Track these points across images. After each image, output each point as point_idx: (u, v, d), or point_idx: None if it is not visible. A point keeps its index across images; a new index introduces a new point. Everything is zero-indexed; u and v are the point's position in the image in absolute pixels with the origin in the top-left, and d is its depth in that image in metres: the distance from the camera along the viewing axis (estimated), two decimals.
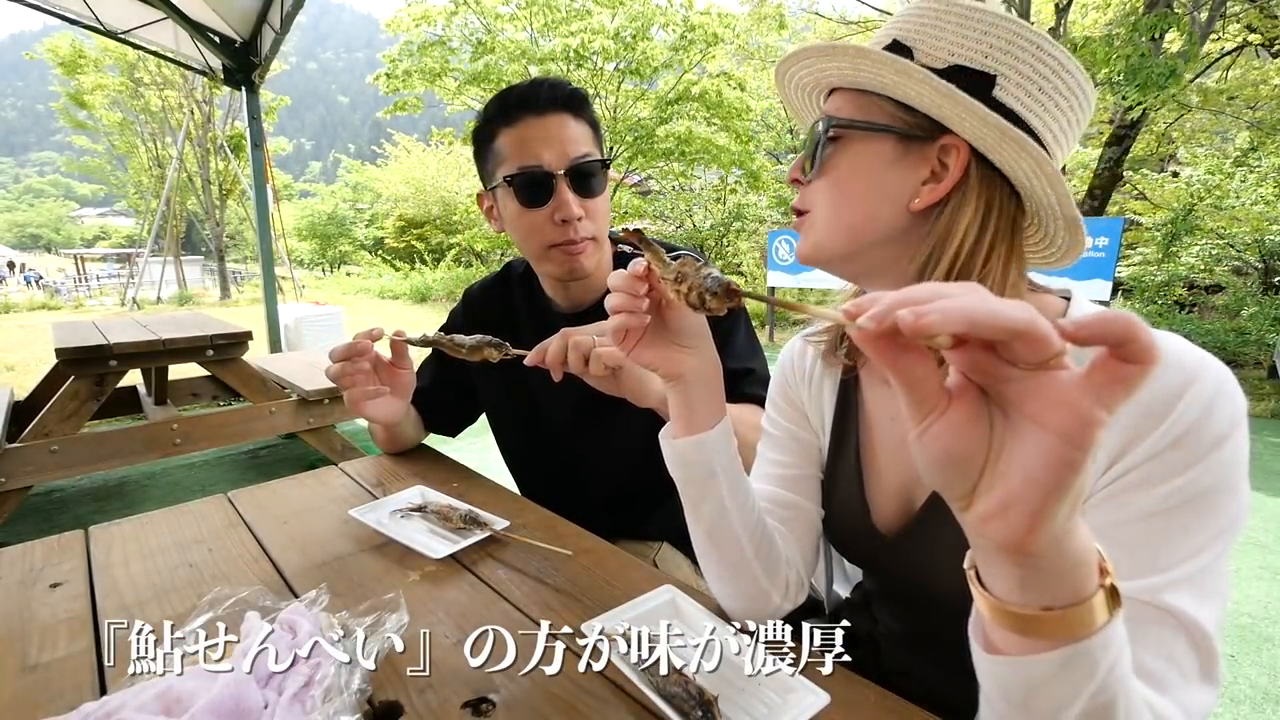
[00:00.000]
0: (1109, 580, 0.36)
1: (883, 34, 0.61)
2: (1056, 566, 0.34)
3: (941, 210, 0.59)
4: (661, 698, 0.55)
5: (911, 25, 0.59)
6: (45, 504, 3.21)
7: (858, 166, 0.61)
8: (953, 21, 0.57)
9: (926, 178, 0.59)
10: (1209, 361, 0.51)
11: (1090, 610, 0.35)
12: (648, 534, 1.16)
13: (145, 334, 3.07)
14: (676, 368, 0.62)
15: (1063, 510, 0.32)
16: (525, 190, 1.00)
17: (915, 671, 0.70)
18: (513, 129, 1.00)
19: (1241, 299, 7.01)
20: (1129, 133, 8.27)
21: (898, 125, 0.59)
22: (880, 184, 0.60)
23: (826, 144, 0.62)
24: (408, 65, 11.07)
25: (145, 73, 17.12)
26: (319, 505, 1.02)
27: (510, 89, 1.01)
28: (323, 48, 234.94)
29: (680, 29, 10.72)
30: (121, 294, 17.63)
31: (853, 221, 0.62)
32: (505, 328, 1.20)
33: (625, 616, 0.67)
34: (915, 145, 0.59)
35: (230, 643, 0.57)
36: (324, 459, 3.33)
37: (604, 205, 1.04)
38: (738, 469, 0.67)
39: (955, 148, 0.57)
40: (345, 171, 32.00)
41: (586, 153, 1.00)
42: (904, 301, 0.30)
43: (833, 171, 0.62)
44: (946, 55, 0.57)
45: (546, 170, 0.98)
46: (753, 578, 0.69)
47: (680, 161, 11.94)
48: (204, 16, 4.81)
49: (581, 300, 1.13)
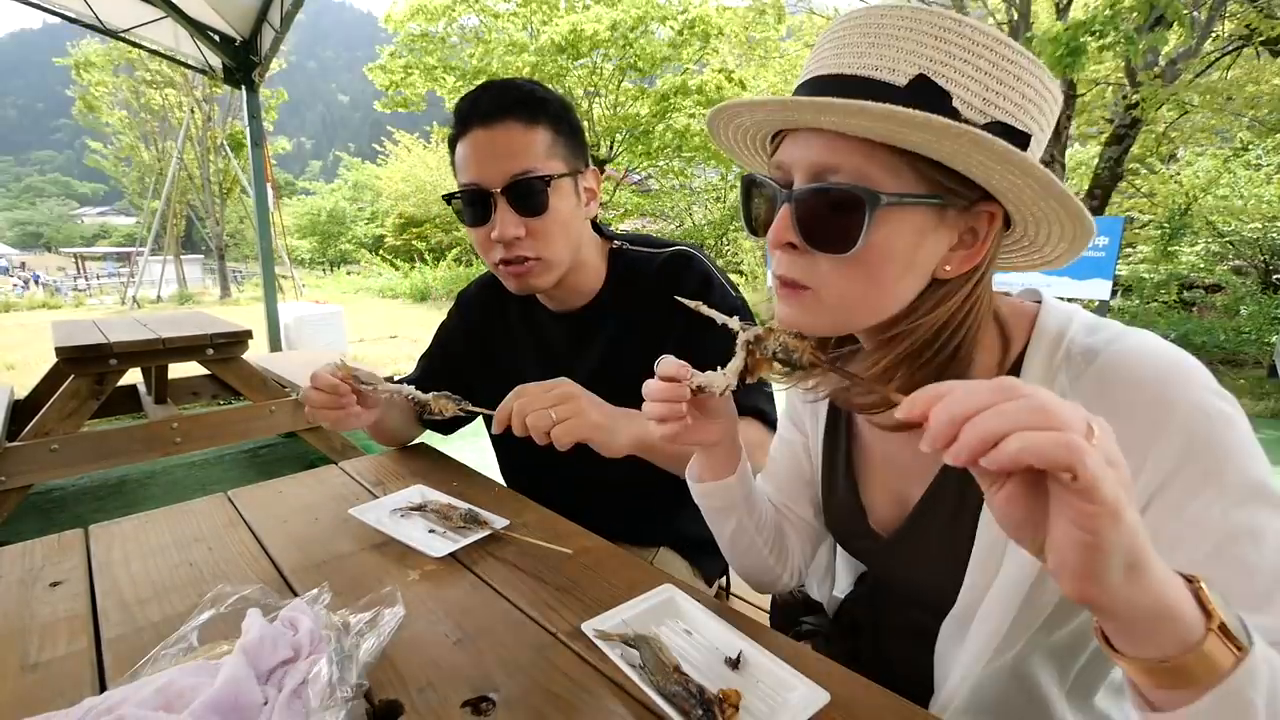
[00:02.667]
0: (1217, 622, 0.36)
1: (891, 56, 0.51)
2: (1139, 619, 0.37)
3: (961, 276, 0.55)
4: (662, 696, 0.55)
5: (939, 57, 0.50)
6: (45, 503, 3.21)
7: (893, 241, 0.52)
8: (987, 63, 0.50)
9: (955, 244, 0.54)
10: (1175, 367, 0.51)
11: (1207, 656, 0.36)
12: (644, 540, 1.15)
13: (145, 333, 3.06)
14: (709, 438, 0.68)
15: (1110, 575, 0.34)
16: (467, 209, 0.97)
17: (916, 660, 0.71)
18: (464, 141, 0.95)
19: (1240, 298, 7.01)
20: (1129, 132, 8.26)
21: (940, 194, 0.52)
22: (914, 260, 0.53)
23: (840, 210, 0.51)
24: (408, 60, 11.06)
25: (146, 72, 17.14)
26: (319, 504, 1.02)
27: (465, 95, 0.96)
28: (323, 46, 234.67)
29: (679, 25, 10.71)
30: (122, 293, 17.62)
31: (878, 303, 0.55)
32: (498, 329, 1.20)
33: (625, 615, 0.67)
34: (953, 213, 0.53)
35: (231, 639, 0.57)
36: (324, 458, 3.33)
37: (553, 223, 0.96)
38: (755, 498, 0.75)
39: (991, 213, 0.54)
40: (345, 170, 32.00)
41: (528, 167, 0.93)
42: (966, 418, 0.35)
43: (857, 247, 0.51)
44: (984, 107, 0.50)
45: (483, 188, 0.94)
46: (767, 565, 0.80)
47: (680, 159, 11.93)
48: (204, 15, 4.81)
49: (573, 304, 1.10)
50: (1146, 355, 0.52)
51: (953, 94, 0.49)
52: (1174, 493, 0.49)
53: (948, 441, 0.35)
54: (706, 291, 1.02)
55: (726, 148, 0.66)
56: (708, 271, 1.05)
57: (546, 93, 0.98)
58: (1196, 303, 7.94)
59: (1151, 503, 0.50)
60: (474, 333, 1.22)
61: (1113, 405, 0.50)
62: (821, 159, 0.52)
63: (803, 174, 0.54)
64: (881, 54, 0.51)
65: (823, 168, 0.52)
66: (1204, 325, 6.71)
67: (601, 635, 0.63)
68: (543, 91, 0.97)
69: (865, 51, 0.51)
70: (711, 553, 1.22)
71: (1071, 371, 0.54)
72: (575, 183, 0.99)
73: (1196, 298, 8.06)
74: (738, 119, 0.59)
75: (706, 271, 1.05)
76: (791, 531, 0.82)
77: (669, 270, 1.05)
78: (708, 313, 0.63)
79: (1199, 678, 0.37)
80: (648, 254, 1.08)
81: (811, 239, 0.53)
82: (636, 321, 1.05)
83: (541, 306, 1.14)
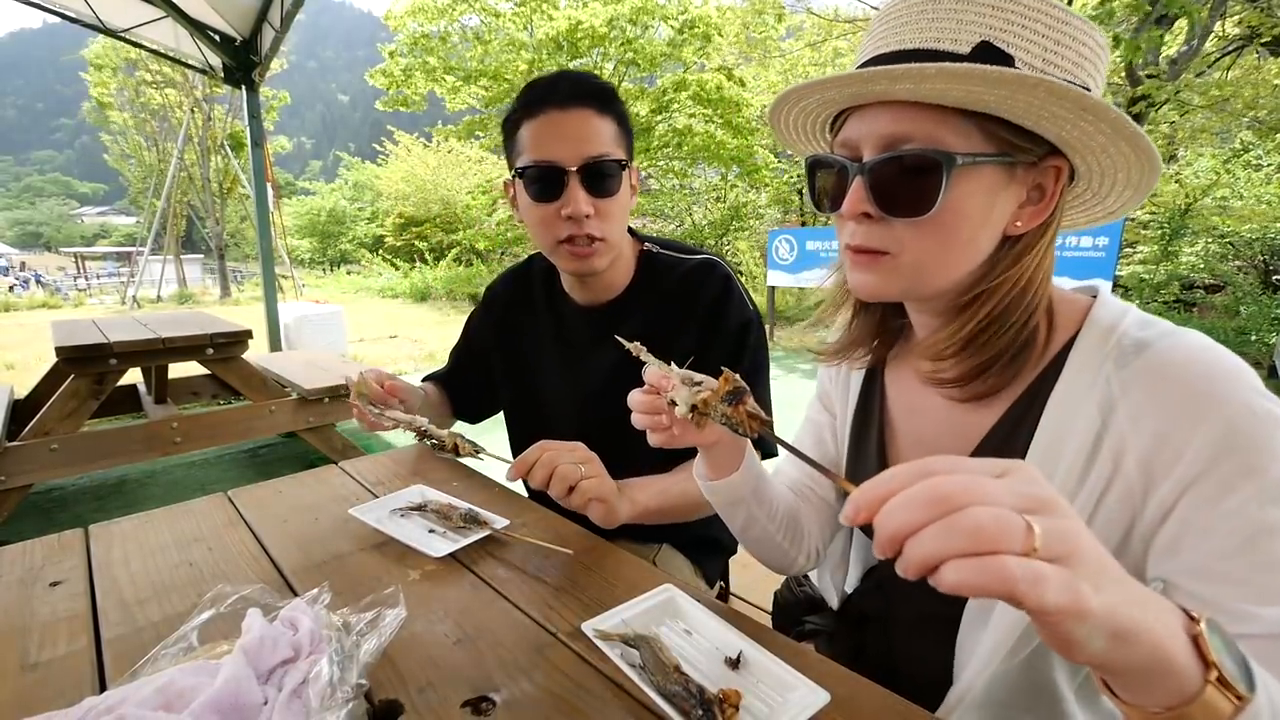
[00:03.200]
0: (1215, 675, 0.36)
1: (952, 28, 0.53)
2: (1133, 675, 0.37)
3: (1033, 231, 0.58)
4: (662, 696, 0.55)
5: (998, 24, 0.52)
6: (45, 502, 3.21)
7: (967, 201, 0.54)
8: (1043, 25, 0.52)
9: (1023, 200, 0.57)
10: (1223, 366, 0.51)
11: (1208, 705, 0.36)
12: (647, 535, 1.16)
13: (145, 332, 3.07)
14: (705, 440, 0.69)
15: (1091, 648, 0.34)
16: (536, 184, 1.00)
17: (922, 651, 0.72)
18: (534, 120, 0.99)
19: (1241, 298, 7.01)
20: None
21: (1009, 151, 0.54)
22: (987, 218, 0.56)
23: (916, 174, 0.54)
24: (409, 61, 11.06)
25: (146, 72, 17.16)
26: (319, 504, 1.02)
27: (539, 79, 1.00)
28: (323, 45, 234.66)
29: (679, 24, 10.71)
30: (122, 292, 17.63)
31: (957, 259, 0.57)
32: (524, 321, 1.23)
33: (624, 615, 0.67)
34: (1020, 170, 0.55)
35: (231, 639, 0.57)
36: (324, 458, 3.33)
37: (618, 206, 1.02)
38: (762, 487, 0.75)
39: (1058, 168, 0.56)
40: (345, 170, 32.00)
41: (604, 151, 0.98)
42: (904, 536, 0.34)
43: (950, 210, 0.54)
44: (1044, 67, 0.52)
45: (559, 166, 0.97)
46: (781, 550, 0.81)
47: (680, 159, 11.93)
48: (204, 15, 4.81)
49: (600, 298, 1.13)
50: (1196, 352, 0.52)
51: (1015, 57, 0.51)
52: (1211, 484, 0.49)
53: (895, 556, 0.35)
54: (725, 298, 1.06)
55: (786, 138, 0.69)
56: (729, 281, 1.09)
57: (614, 89, 1.03)
58: (1196, 303, 7.94)
59: (1187, 492, 0.50)
60: (500, 324, 1.26)
61: (1159, 396, 0.51)
62: (891, 129, 0.54)
63: (873, 146, 0.56)
64: (942, 27, 0.53)
65: (894, 138, 0.55)
66: (1204, 325, 6.71)
67: (601, 635, 0.63)
68: (610, 86, 1.02)
69: (925, 27, 0.53)
70: (713, 552, 1.23)
71: (1120, 361, 0.54)
72: (628, 174, 1.04)
73: (1196, 298, 8.06)
74: (803, 101, 0.61)
75: (728, 280, 1.09)
76: (811, 514, 0.83)
77: (694, 276, 1.09)
78: (646, 357, 0.66)
79: None
80: (676, 258, 1.12)
81: (887, 206, 0.56)
82: (658, 321, 1.08)
83: (567, 298, 1.17)
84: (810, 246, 7.37)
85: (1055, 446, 0.57)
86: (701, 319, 1.06)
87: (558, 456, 0.84)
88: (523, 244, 14.73)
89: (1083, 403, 0.55)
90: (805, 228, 10.63)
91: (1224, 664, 0.36)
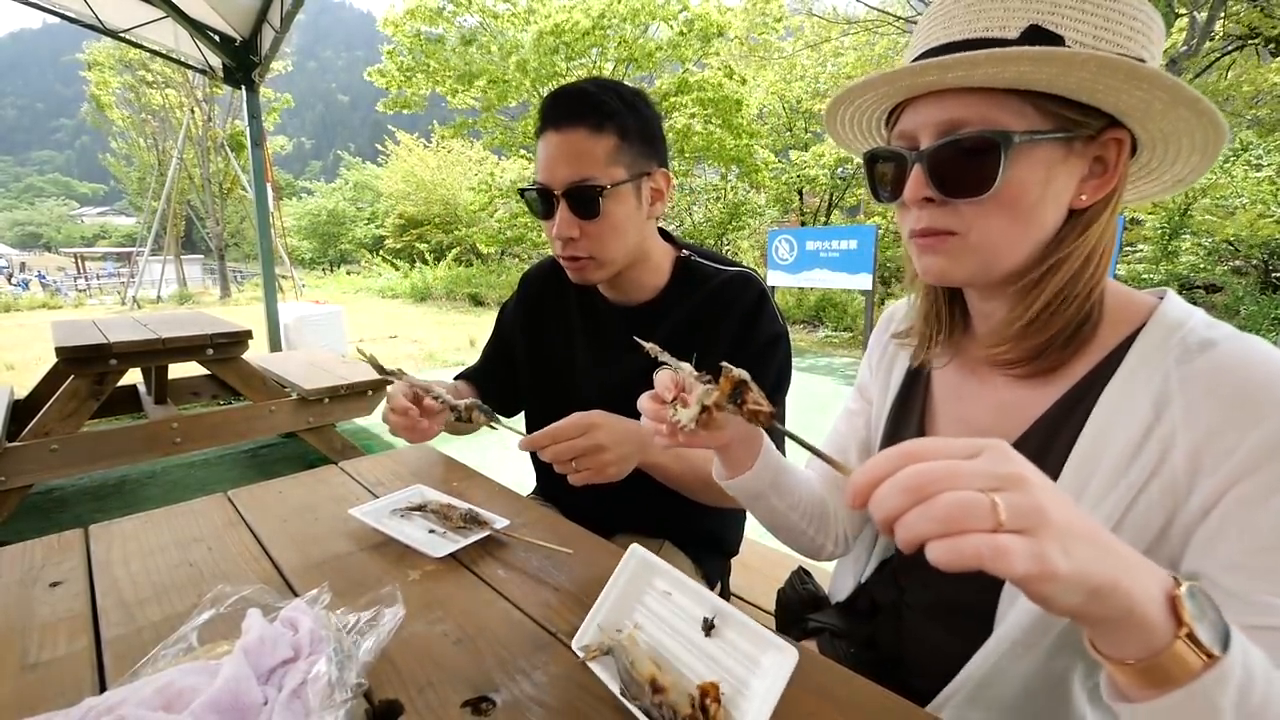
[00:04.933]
0: (1185, 631, 0.38)
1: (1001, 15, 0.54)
2: (1104, 628, 0.40)
3: (1098, 204, 0.58)
4: (643, 713, 0.54)
5: (1046, 8, 0.53)
6: (45, 503, 3.21)
7: (1028, 177, 0.55)
8: (1092, 4, 0.53)
9: (1085, 174, 0.58)
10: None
11: (1177, 657, 0.38)
12: (650, 529, 1.17)
13: (145, 333, 3.06)
14: (719, 442, 0.70)
15: (1065, 603, 0.37)
16: (534, 204, 1.06)
17: (933, 638, 0.72)
18: (541, 139, 1.03)
19: (1240, 298, 7.01)
20: None
21: (1067, 127, 0.55)
22: (1048, 193, 0.57)
23: (974, 155, 0.55)
24: (409, 60, 11.04)
25: (146, 72, 17.16)
26: (319, 504, 1.02)
27: (550, 95, 1.03)
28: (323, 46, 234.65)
29: (679, 25, 10.70)
30: (122, 293, 17.63)
31: (1022, 235, 0.58)
32: (557, 313, 1.24)
33: (601, 612, 0.64)
34: (1079, 144, 0.56)
35: (231, 639, 0.57)
36: (324, 458, 3.33)
37: (607, 225, 1.02)
38: (783, 480, 0.76)
39: (1118, 140, 0.57)
40: (345, 170, 32.00)
41: (586, 175, 0.99)
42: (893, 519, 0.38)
43: (1011, 187, 0.55)
44: (1096, 44, 0.53)
45: (548, 189, 1.01)
46: (808, 537, 0.82)
47: (680, 159, 11.93)
48: (204, 15, 4.81)
49: (632, 298, 1.15)
50: (1258, 353, 0.53)
51: (1065, 37, 0.53)
52: (1261, 482, 0.50)
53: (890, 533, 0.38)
54: (758, 311, 1.09)
55: (842, 139, 0.71)
56: (764, 295, 1.12)
57: (620, 98, 1.02)
58: (1196, 303, 7.92)
59: (1233, 488, 0.51)
60: (531, 308, 1.28)
61: (1217, 393, 0.52)
62: (948, 115, 0.56)
63: (930, 134, 0.58)
64: (991, 16, 0.55)
65: (950, 123, 0.56)
66: None
67: (587, 654, 0.62)
68: (616, 99, 1.01)
69: (973, 19, 0.55)
70: (715, 552, 1.23)
71: (1182, 359, 0.55)
72: (638, 186, 1.05)
73: (1196, 298, 8.06)
74: (859, 99, 0.62)
75: (762, 294, 1.12)
76: (840, 501, 0.84)
77: (731, 287, 1.11)
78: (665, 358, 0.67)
79: (1169, 679, 0.39)
80: (713, 268, 1.15)
81: (948, 189, 0.57)
82: (693, 326, 1.10)
83: (602, 296, 1.19)
84: (810, 246, 7.37)
85: (1104, 434, 0.58)
86: (734, 329, 1.08)
87: (562, 453, 0.86)
88: (523, 244, 14.74)
89: (1139, 395, 0.56)
90: (805, 228, 10.65)
91: (1197, 627, 0.38)
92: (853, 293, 8.42)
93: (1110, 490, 0.56)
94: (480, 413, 0.97)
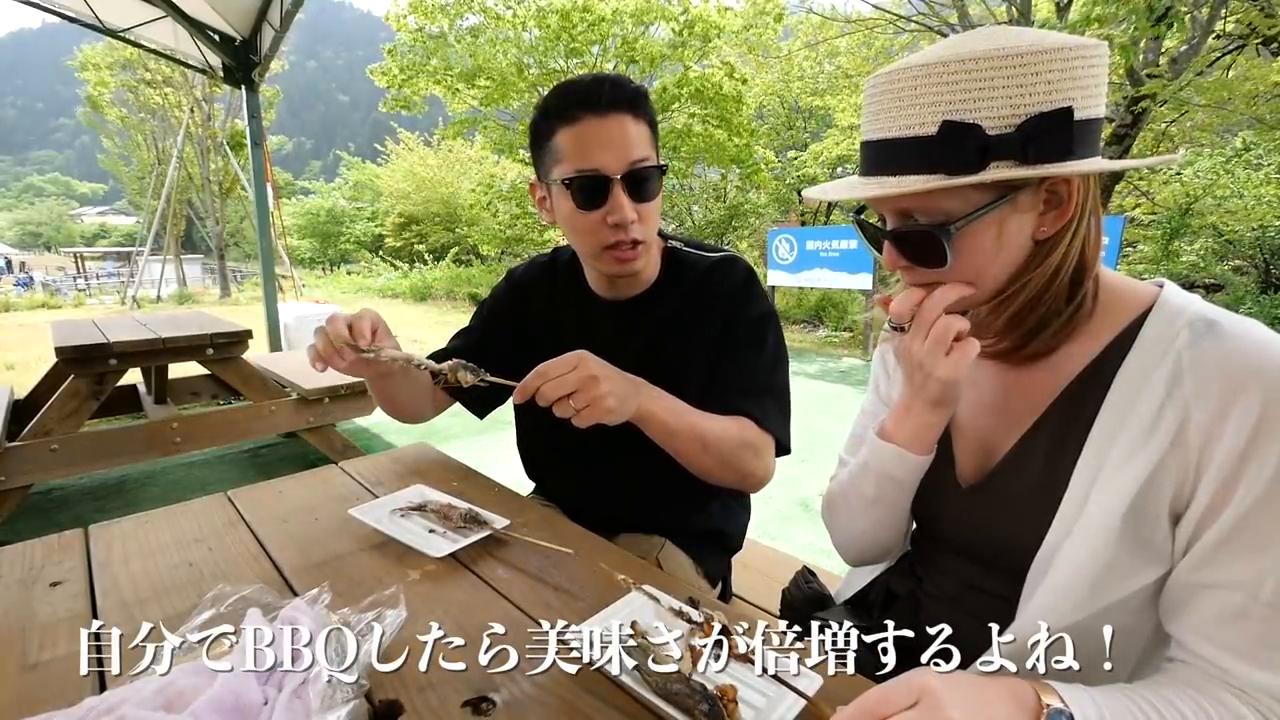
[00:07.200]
0: None
1: (918, 113, 0.58)
2: None
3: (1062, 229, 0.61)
4: (662, 698, 0.55)
5: (956, 99, 0.56)
6: (45, 503, 3.21)
7: (977, 244, 0.61)
8: (1002, 80, 0.55)
9: (1043, 208, 0.61)
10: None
11: None
12: (650, 528, 1.16)
13: (145, 332, 3.07)
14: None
15: None
16: (582, 194, 1.00)
17: (955, 621, 0.72)
18: (572, 128, 0.99)
19: (1240, 297, 7.01)
20: (1129, 131, 8.26)
21: (1006, 193, 0.59)
22: (1003, 245, 0.62)
23: (926, 239, 0.62)
24: (411, 60, 11.02)
25: (146, 71, 17.15)
26: (319, 504, 1.02)
27: (572, 84, 1.00)
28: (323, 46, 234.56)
29: (679, 25, 10.68)
30: (121, 293, 17.63)
31: (988, 283, 0.64)
32: (544, 307, 1.22)
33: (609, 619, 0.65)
34: (1025, 196, 0.60)
35: (229, 637, 0.57)
36: (324, 458, 3.33)
37: (656, 208, 1.04)
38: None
39: (1066, 178, 0.59)
40: (345, 169, 31.97)
41: (644, 157, 0.99)
42: None
43: (964, 255, 0.62)
44: (1014, 114, 0.55)
45: (604, 174, 0.98)
46: (900, 532, 0.82)
47: (679, 159, 11.91)
48: (203, 15, 4.81)
49: (624, 293, 1.14)
50: (1260, 330, 0.57)
51: (979, 123, 0.56)
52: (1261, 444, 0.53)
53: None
54: (746, 291, 1.09)
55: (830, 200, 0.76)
56: (750, 275, 1.12)
57: (646, 91, 1.04)
58: None
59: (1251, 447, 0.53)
60: (519, 303, 1.25)
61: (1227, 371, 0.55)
62: (900, 206, 0.64)
63: (891, 218, 0.66)
64: (908, 114, 0.59)
65: (903, 212, 0.64)
66: None
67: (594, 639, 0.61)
68: (644, 90, 1.03)
69: (895, 115, 0.60)
70: (716, 549, 1.23)
71: (1192, 340, 0.58)
72: (662, 172, 1.06)
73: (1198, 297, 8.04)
74: (823, 196, 0.71)
75: (749, 274, 1.12)
76: None
77: (717, 270, 1.12)
78: None
79: None
80: (699, 255, 1.15)
81: (915, 260, 0.65)
82: (682, 316, 1.10)
83: (590, 292, 1.17)
84: (810, 246, 7.37)
85: (1121, 412, 0.61)
86: (723, 310, 1.08)
87: (553, 390, 0.84)
88: (524, 244, 14.73)
89: (1152, 374, 0.59)
90: (805, 227, 10.64)
91: None
92: (853, 292, 8.43)
93: (1127, 464, 0.59)
94: (466, 371, 0.93)
